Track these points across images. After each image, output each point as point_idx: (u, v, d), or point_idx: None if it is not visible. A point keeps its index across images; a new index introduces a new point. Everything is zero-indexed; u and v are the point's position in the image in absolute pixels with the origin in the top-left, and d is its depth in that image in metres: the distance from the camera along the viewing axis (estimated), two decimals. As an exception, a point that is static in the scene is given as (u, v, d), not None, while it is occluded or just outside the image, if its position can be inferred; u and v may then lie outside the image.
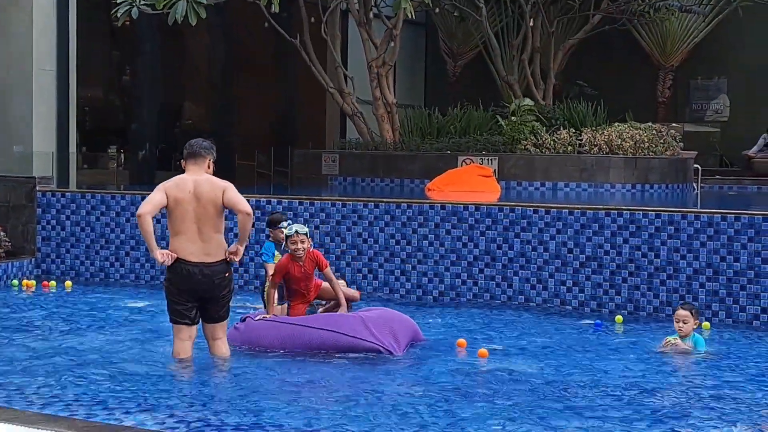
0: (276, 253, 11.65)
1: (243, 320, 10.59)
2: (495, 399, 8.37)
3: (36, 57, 19.11)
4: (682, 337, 10.57)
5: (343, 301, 10.77)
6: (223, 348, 9.67)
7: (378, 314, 10.61)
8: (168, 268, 9.40)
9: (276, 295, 10.71)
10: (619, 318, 12.51)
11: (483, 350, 10.19)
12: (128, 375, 9.00)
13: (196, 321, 9.48)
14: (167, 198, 9.30)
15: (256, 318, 10.51)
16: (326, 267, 10.68)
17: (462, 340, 10.65)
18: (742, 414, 8.06)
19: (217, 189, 9.31)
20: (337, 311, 10.66)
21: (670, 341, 10.54)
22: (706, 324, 11.95)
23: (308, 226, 11.37)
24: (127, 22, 19.87)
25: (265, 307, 11.02)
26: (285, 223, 11.35)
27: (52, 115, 19.41)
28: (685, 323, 10.51)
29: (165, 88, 25.01)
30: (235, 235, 10.11)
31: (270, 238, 11.93)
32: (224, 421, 7.50)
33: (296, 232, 10.42)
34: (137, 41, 23.76)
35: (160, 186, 9.41)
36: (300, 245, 10.41)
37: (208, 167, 9.49)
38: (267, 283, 11.35)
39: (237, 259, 9.46)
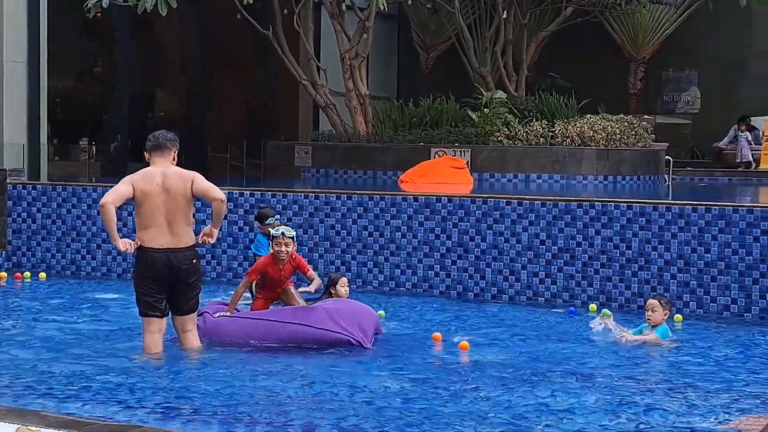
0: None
1: (200, 315, 10.35)
2: (470, 391, 8.38)
3: (6, 48, 19.02)
4: (653, 327, 10.69)
5: (314, 287, 10.76)
6: (194, 340, 9.65)
7: (344, 306, 10.57)
8: (135, 258, 9.37)
9: (247, 293, 10.76)
10: (592, 307, 12.52)
11: (464, 342, 10.14)
12: (99, 368, 8.97)
13: (166, 313, 9.43)
14: (134, 190, 9.24)
15: (216, 315, 10.44)
16: (309, 271, 10.64)
17: (437, 334, 10.62)
18: (706, 402, 8.11)
19: (186, 180, 9.26)
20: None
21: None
22: (678, 317, 12.01)
23: (293, 227, 11.32)
24: (99, 14, 19.80)
25: (252, 297, 11.06)
26: (271, 219, 11.36)
27: (23, 107, 19.33)
28: (653, 311, 10.68)
29: (137, 79, 24.94)
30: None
31: (261, 232, 12.02)
32: (198, 412, 7.49)
33: (282, 234, 10.36)
34: (109, 32, 23.68)
35: (127, 178, 9.35)
36: (284, 248, 10.36)
37: (173, 159, 9.44)
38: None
39: (211, 241, 9.44)
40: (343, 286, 11.69)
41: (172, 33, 26.27)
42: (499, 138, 20.56)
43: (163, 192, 9.21)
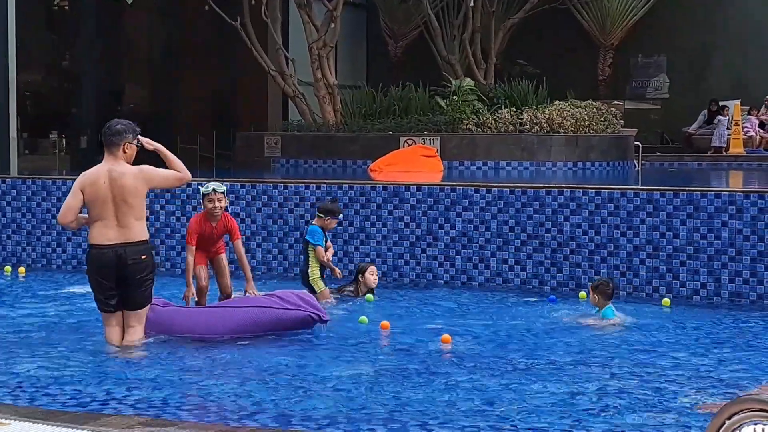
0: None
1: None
2: (439, 378, 8.41)
3: (-27, 43, 18.93)
4: (599, 310, 11.04)
5: (249, 275, 10.73)
6: (133, 336, 9.40)
7: (290, 293, 10.40)
8: (86, 257, 9.31)
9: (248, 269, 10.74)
10: (582, 294, 12.57)
11: (446, 336, 9.95)
12: (70, 360, 8.97)
13: (119, 308, 9.33)
14: (83, 196, 9.17)
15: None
16: (237, 238, 10.54)
17: (385, 322, 10.41)
18: (676, 386, 8.17)
19: (134, 178, 9.14)
20: (236, 297, 10.59)
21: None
22: (666, 300, 12.08)
23: (249, 209, 11.36)
24: (67, 7, 19.72)
25: (311, 291, 11.18)
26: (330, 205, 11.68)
27: (-8, 101, 19.24)
28: (596, 296, 11.11)
29: (106, 72, 24.86)
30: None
31: (314, 222, 12.04)
32: (167, 403, 7.51)
33: (214, 190, 10.23)
34: (77, 25, 23.58)
35: (75, 185, 9.24)
36: (218, 204, 10.27)
37: (124, 152, 9.24)
38: (311, 268, 11.60)
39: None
40: (372, 274, 11.77)
41: (140, 25, 26.19)
42: (468, 126, 20.61)
43: (110, 193, 9.09)
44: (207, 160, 23.75)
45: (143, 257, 9.15)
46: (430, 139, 20.14)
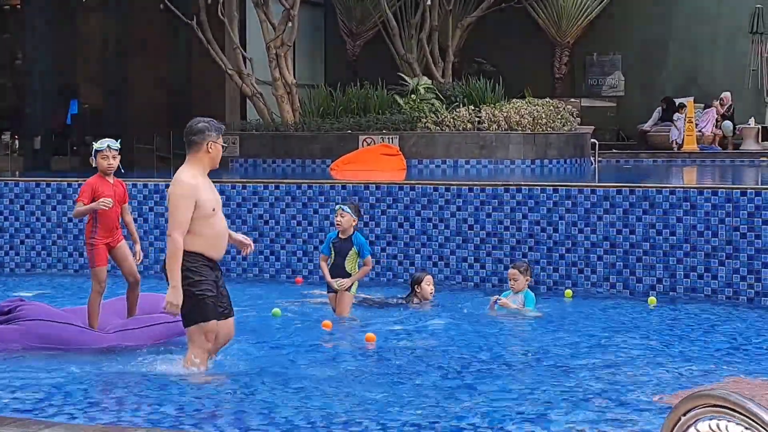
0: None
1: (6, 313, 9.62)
2: (399, 378, 8.43)
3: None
4: (516, 292, 11.38)
5: (137, 237, 10.15)
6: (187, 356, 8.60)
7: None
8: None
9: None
10: (568, 292, 12.66)
11: (370, 334, 9.99)
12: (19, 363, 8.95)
13: None
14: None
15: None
16: (126, 202, 9.95)
17: (371, 335, 10.14)
18: (634, 379, 8.24)
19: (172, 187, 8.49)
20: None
21: (498, 300, 11.38)
22: (652, 299, 12.12)
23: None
24: (19, 5, 19.55)
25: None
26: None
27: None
28: (515, 280, 11.42)
29: (60, 72, 24.67)
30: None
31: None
32: (122, 403, 7.49)
33: (108, 146, 9.67)
34: (29, 23, 23.39)
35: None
36: (112, 161, 9.66)
37: (207, 152, 8.63)
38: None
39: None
40: (428, 284, 11.64)
41: (94, 23, 26.04)
42: (426, 124, 20.63)
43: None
44: (164, 160, 23.65)
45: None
46: (389, 138, 20.15)
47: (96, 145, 9.76)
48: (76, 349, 9.31)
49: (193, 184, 8.28)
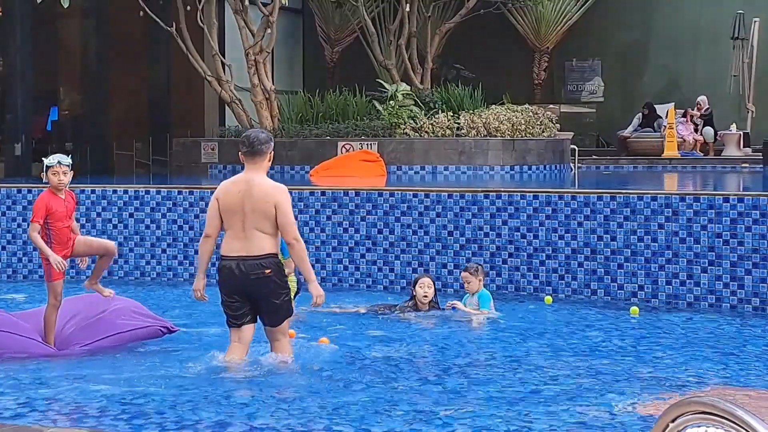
0: None
1: None
2: (374, 384, 8.40)
3: None
4: (473, 294, 11.49)
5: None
6: (283, 351, 9.00)
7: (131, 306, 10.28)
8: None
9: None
10: (548, 298, 12.65)
11: (324, 338, 10.02)
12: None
13: (246, 323, 8.86)
14: (218, 204, 8.92)
15: None
16: (74, 209, 9.86)
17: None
18: (618, 387, 8.22)
19: (274, 189, 8.97)
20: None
21: (452, 303, 11.50)
22: (634, 309, 11.97)
23: (187, 215, 11.27)
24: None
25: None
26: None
27: None
28: (468, 283, 11.58)
29: (39, 78, 24.56)
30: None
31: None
32: (105, 412, 7.44)
33: (59, 162, 9.54)
34: (9, 30, 23.29)
35: (214, 194, 8.98)
36: (63, 177, 9.53)
37: (269, 160, 9.03)
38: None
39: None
40: (421, 287, 11.51)
41: (73, 30, 25.94)
42: (405, 130, 20.61)
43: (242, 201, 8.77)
44: (143, 165, 23.58)
45: (267, 272, 8.66)
46: (367, 144, 20.12)
47: (46, 161, 9.65)
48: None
49: None
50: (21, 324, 9.75)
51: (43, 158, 9.70)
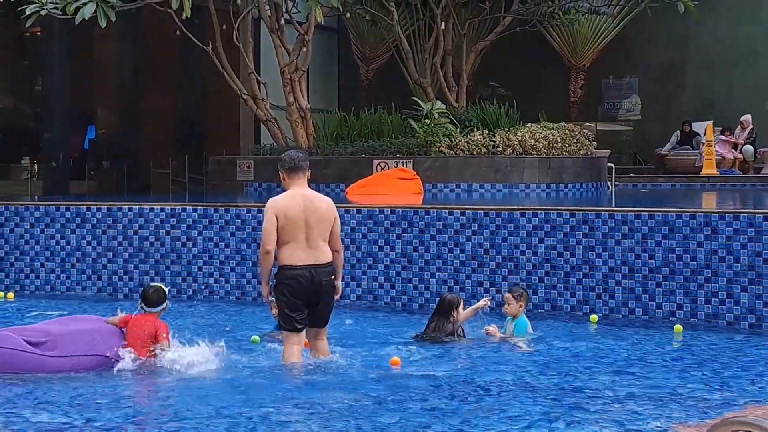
0: None
1: None
2: (412, 404, 8.34)
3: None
4: (512, 318, 11.29)
5: None
6: (326, 348, 9.95)
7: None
8: (275, 278, 9.62)
9: None
10: (593, 317, 12.55)
11: (395, 358, 10.01)
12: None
13: (304, 327, 9.68)
14: (277, 220, 9.54)
15: None
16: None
17: (396, 359, 10.09)
18: (646, 409, 8.12)
19: (327, 204, 9.77)
20: None
21: (488, 329, 11.25)
22: (678, 327, 11.89)
23: (223, 233, 11.27)
24: (38, 33, 19.55)
25: None
26: None
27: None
28: (508, 304, 11.35)
29: (77, 97, 24.72)
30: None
31: None
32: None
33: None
34: (48, 50, 23.45)
35: (268, 212, 9.61)
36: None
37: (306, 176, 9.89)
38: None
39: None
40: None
41: (110, 49, 26.07)
42: (440, 149, 20.56)
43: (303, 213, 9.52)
44: (179, 183, 23.63)
45: (333, 278, 9.60)
46: (403, 162, 20.09)
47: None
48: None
49: None
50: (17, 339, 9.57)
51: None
